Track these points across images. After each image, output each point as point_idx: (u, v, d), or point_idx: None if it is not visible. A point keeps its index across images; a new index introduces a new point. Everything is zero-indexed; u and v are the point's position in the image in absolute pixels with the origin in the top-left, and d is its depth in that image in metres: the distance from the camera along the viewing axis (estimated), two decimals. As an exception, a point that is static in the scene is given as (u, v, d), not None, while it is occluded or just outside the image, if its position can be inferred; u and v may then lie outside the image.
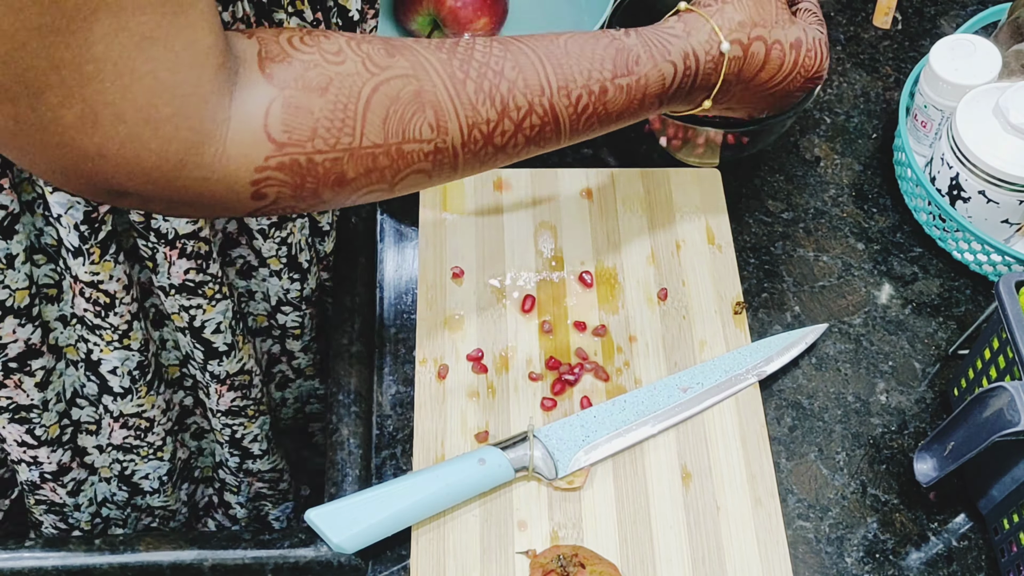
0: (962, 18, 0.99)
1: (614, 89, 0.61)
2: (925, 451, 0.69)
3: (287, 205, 0.53)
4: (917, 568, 0.70)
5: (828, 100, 0.94)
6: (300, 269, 0.77)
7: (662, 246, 0.82)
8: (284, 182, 0.52)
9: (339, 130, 0.52)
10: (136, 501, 0.85)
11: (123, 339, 0.71)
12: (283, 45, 0.52)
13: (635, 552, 0.68)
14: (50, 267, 0.69)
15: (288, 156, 0.51)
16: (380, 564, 0.69)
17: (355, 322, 0.78)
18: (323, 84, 0.51)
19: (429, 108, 0.54)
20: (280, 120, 0.50)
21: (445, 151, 0.56)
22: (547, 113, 0.59)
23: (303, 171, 0.52)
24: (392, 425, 0.75)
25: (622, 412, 0.73)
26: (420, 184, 0.57)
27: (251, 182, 0.51)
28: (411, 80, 0.54)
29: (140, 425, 0.78)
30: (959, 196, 0.80)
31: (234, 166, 0.50)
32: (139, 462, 0.81)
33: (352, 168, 0.53)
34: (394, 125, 0.53)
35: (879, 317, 0.81)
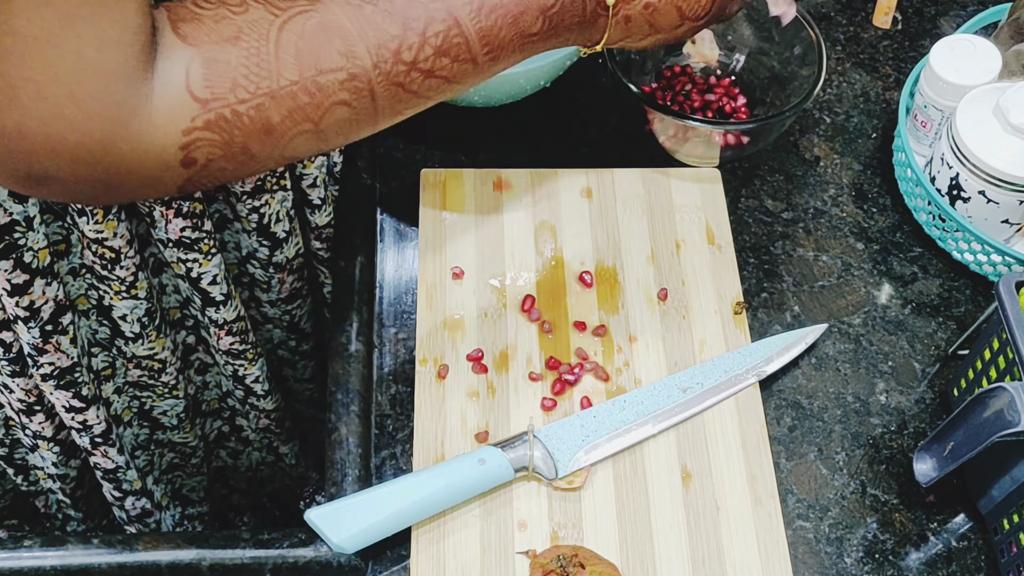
0: (962, 18, 0.99)
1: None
2: (925, 451, 0.69)
3: (217, 168, 0.53)
4: (917, 568, 0.70)
5: (828, 100, 0.94)
6: (272, 237, 0.79)
7: (662, 246, 0.82)
8: (212, 141, 0.52)
9: (257, 75, 0.52)
10: (157, 436, 0.88)
11: (130, 289, 0.74)
12: (188, 7, 0.53)
13: (635, 552, 0.68)
14: (58, 224, 0.71)
15: (213, 112, 0.51)
16: (380, 564, 0.68)
17: (355, 322, 0.78)
18: (234, 33, 0.52)
19: (335, 36, 0.55)
20: (200, 76, 0.50)
21: (359, 76, 0.56)
22: (447, 16, 0.58)
23: (230, 125, 0.52)
24: (392, 425, 0.74)
25: (622, 412, 0.73)
26: (346, 124, 0.57)
27: (180, 146, 0.51)
28: (312, 14, 0.55)
29: (153, 367, 0.81)
30: (959, 196, 0.80)
31: (161, 133, 0.50)
32: (155, 399, 0.85)
33: (276, 112, 0.53)
34: (306, 59, 0.54)
35: (879, 317, 0.81)
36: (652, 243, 0.82)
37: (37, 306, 0.70)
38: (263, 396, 0.89)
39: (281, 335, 0.93)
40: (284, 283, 0.86)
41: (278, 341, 0.94)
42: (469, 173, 0.85)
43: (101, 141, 0.48)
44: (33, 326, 0.70)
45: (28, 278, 0.68)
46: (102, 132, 0.48)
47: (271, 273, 0.83)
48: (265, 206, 0.77)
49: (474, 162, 0.88)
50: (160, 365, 0.82)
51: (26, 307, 0.69)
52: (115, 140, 0.48)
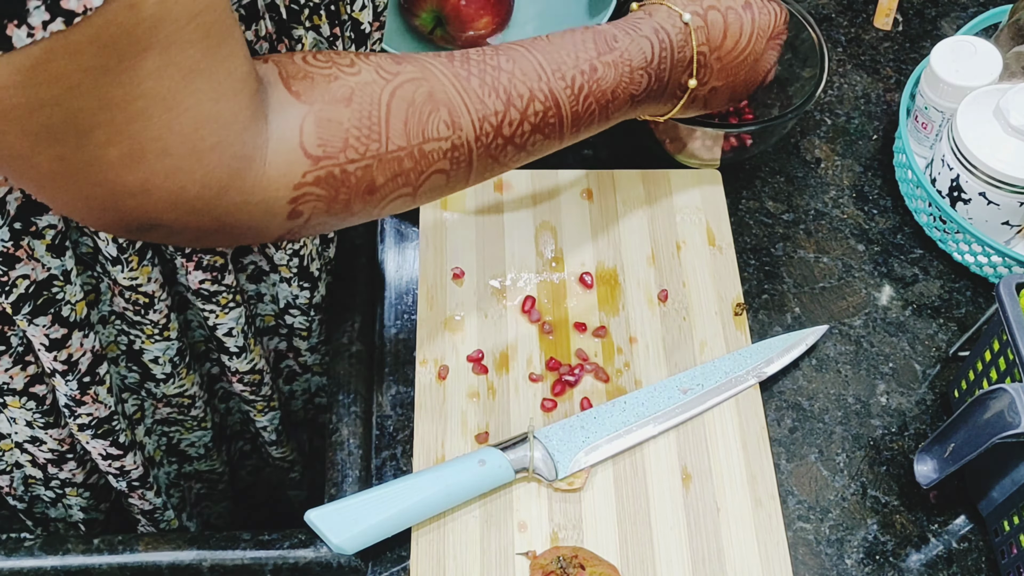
0: (963, 20, 0.99)
1: (602, 67, 0.65)
2: (925, 453, 0.68)
3: (318, 222, 0.55)
4: (917, 570, 0.70)
5: (829, 101, 0.94)
6: (311, 278, 0.78)
7: (662, 247, 0.82)
8: (320, 196, 0.53)
9: (367, 137, 0.54)
10: (185, 469, 0.88)
11: (163, 332, 0.73)
12: (299, 64, 0.53)
13: (635, 553, 0.68)
14: (87, 274, 0.70)
15: (324, 169, 0.52)
16: (380, 565, 0.68)
17: (355, 322, 0.78)
18: (347, 95, 0.53)
19: (443, 107, 0.57)
20: (314, 135, 0.51)
21: (461, 147, 0.58)
22: (548, 97, 0.62)
23: (337, 183, 0.53)
24: (392, 426, 0.74)
25: (622, 413, 0.73)
26: (439, 186, 0.59)
27: (289, 200, 0.52)
28: (422, 82, 0.56)
29: (183, 403, 0.81)
30: (960, 198, 0.80)
31: (274, 186, 0.51)
32: (184, 432, 0.84)
33: (381, 174, 0.55)
34: (414, 127, 0.55)
35: (879, 319, 0.81)
36: (652, 244, 0.82)
37: (75, 359, 0.68)
38: (272, 444, 0.88)
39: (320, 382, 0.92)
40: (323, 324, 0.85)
41: (316, 389, 0.93)
42: (470, 174, 0.85)
43: (217, 192, 0.49)
44: (71, 379, 0.69)
45: (67, 332, 0.66)
46: (220, 183, 0.48)
47: (312, 316, 0.82)
48: (303, 247, 0.76)
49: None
50: (190, 400, 0.81)
51: (64, 360, 0.67)
52: (230, 191, 0.49)
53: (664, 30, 0.69)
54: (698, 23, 0.70)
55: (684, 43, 0.70)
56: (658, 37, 0.68)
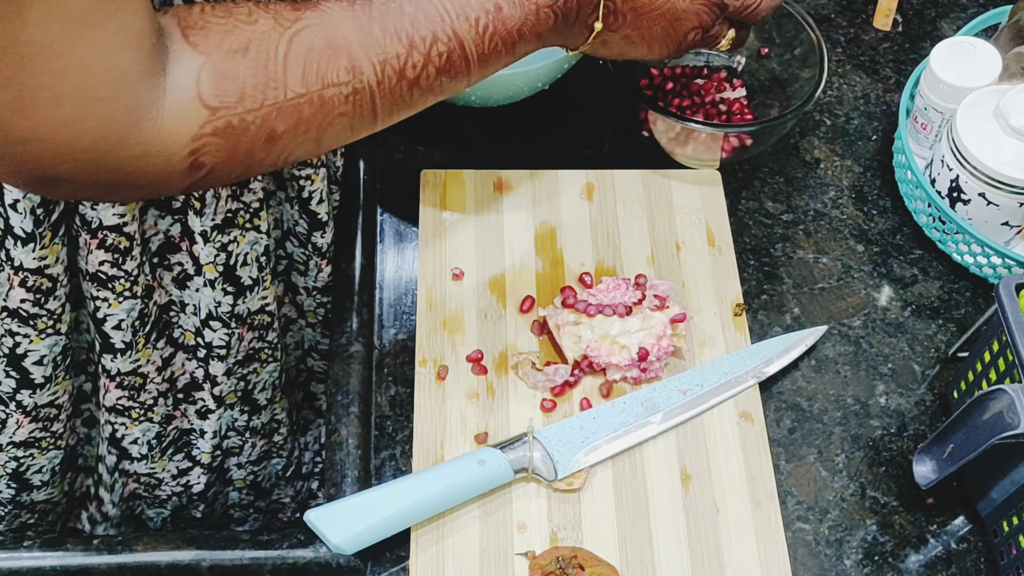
0: (962, 20, 0.99)
1: (507, 5, 0.63)
2: (924, 453, 0.69)
3: (222, 172, 0.54)
4: (916, 570, 0.70)
5: (828, 102, 0.94)
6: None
7: (662, 247, 0.82)
8: (220, 147, 0.53)
9: (264, 87, 0.53)
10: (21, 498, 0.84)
11: (56, 324, 0.72)
12: (197, 15, 0.53)
13: (634, 554, 0.68)
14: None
15: (222, 120, 0.52)
16: (379, 565, 0.68)
17: (355, 322, 0.78)
18: (243, 45, 0.53)
19: (342, 52, 0.56)
20: (211, 85, 0.52)
21: (362, 91, 0.57)
22: (451, 39, 0.61)
23: (237, 132, 0.53)
24: (391, 426, 0.74)
25: (622, 413, 0.73)
26: (343, 134, 0.59)
27: (188, 152, 0.52)
28: (320, 29, 0.56)
29: (49, 415, 0.78)
30: (959, 198, 0.80)
31: (172, 138, 0.51)
32: (37, 455, 0.81)
33: (281, 122, 0.55)
34: (312, 74, 0.55)
35: (879, 319, 0.81)
36: (652, 244, 0.82)
37: None
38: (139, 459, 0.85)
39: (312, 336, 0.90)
40: (322, 271, 0.84)
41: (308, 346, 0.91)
42: (469, 173, 0.85)
43: (114, 144, 0.49)
44: None
45: None
46: (115, 135, 0.48)
47: (309, 253, 0.81)
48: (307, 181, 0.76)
49: (474, 162, 0.87)
50: (56, 412, 0.78)
51: None
52: (127, 143, 0.49)
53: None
54: None
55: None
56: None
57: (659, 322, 0.74)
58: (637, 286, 0.77)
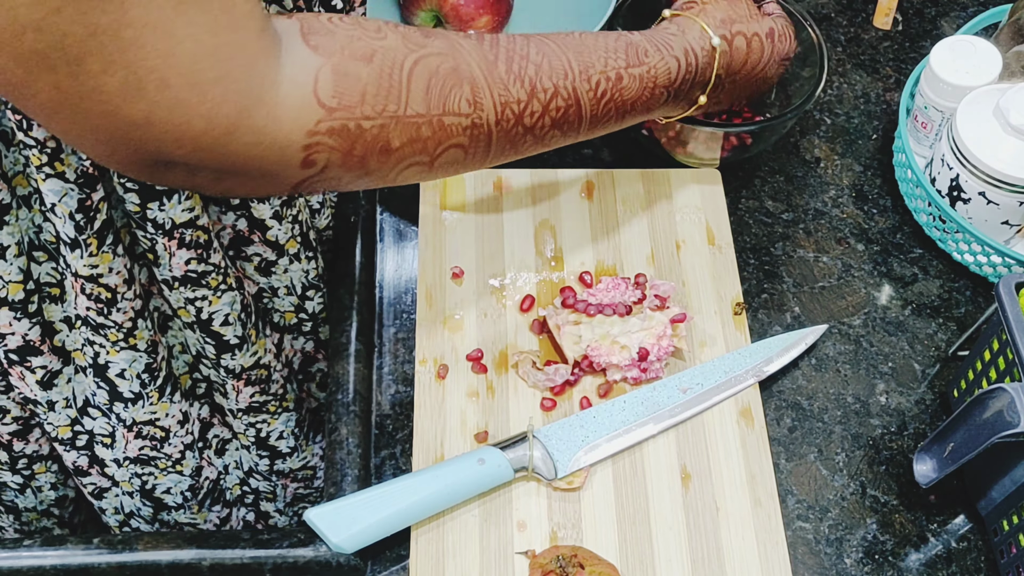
0: (962, 19, 0.99)
1: (628, 78, 0.66)
2: (925, 452, 0.68)
3: (334, 175, 0.54)
4: (916, 569, 0.70)
5: (828, 101, 0.94)
6: (311, 247, 0.78)
7: (662, 246, 0.82)
8: (334, 147, 0.53)
9: (385, 97, 0.54)
10: (162, 516, 0.85)
11: (128, 338, 0.71)
12: (323, 22, 0.54)
13: (634, 553, 0.68)
14: (51, 265, 0.69)
15: (338, 121, 0.52)
16: (379, 564, 0.68)
17: (355, 322, 0.78)
18: (368, 54, 0.53)
19: (466, 84, 0.57)
20: (330, 85, 0.51)
21: (480, 127, 0.58)
22: (571, 96, 0.63)
23: (352, 136, 0.53)
24: (391, 425, 0.74)
25: (622, 412, 0.73)
26: (457, 162, 0.59)
27: (303, 147, 0.51)
28: (448, 57, 0.56)
29: (155, 434, 0.77)
30: (959, 197, 0.80)
31: (286, 130, 0.50)
32: (158, 475, 0.81)
33: (397, 136, 0.55)
34: (435, 97, 0.56)
35: (879, 318, 0.81)
36: (652, 243, 0.82)
37: (2, 333, 0.68)
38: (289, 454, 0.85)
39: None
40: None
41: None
42: (469, 173, 0.85)
43: (226, 130, 0.48)
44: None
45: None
46: (227, 120, 0.48)
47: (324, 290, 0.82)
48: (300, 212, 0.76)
49: (474, 162, 0.87)
50: (163, 433, 0.77)
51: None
52: (239, 130, 0.49)
53: (693, 52, 0.71)
54: (724, 47, 0.72)
55: (707, 65, 0.72)
56: (686, 59, 0.70)
57: (659, 322, 0.74)
58: (637, 285, 0.77)
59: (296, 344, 0.84)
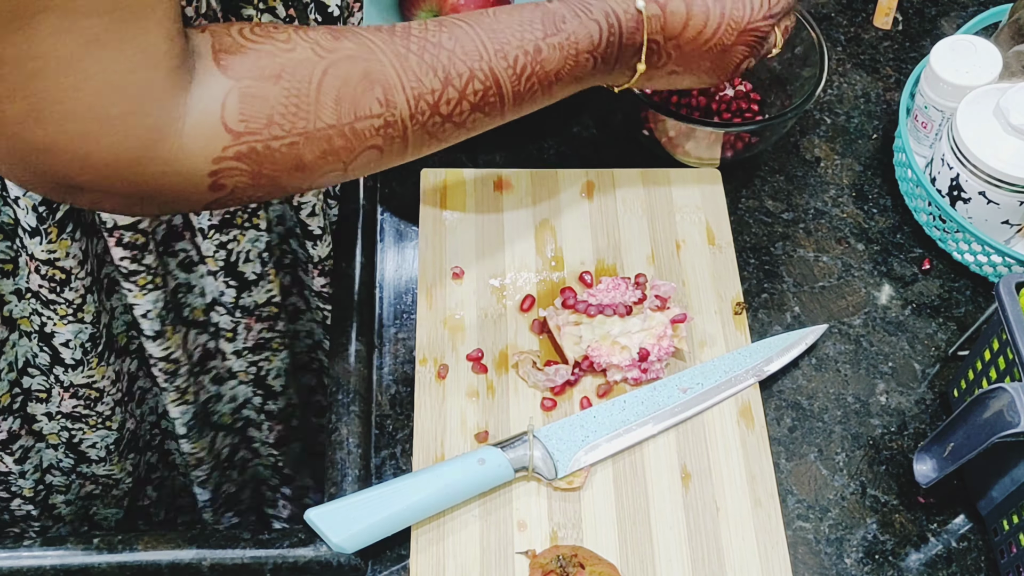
0: (963, 19, 0.99)
1: (547, 48, 0.64)
2: (925, 452, 0.69)
3: (246, 194, 0.54)
4: (916, 569, 0.70)
5: (828, 101, 0.94)
6: (240, 278, 0.77)
7: (662, 246, 0.82)
8: (242, 171, 0.53)
9: (294, 115, 0.53)
10: (81, 469, 0.87)
11: (77, 313, 0.72)
12: (235, 37, 0.53)
13: (635, 552, 0.68)
14: (6, 244, 0.70)
15: (246, 144, 0.52)
16: (380, 564, 0.68)
17: (355, 322, 0.78)
18: (276, 72, 0.53)
19: (377, 85, 0.56)
20: (236, 110, 0.51)
21: (395, 124, 0.57)
22: (488, 77, 0.61)
23: (261, 158, 0.53)
24: (392, 425, 0.74)
25: (622, 412, 0.73)
26: (372, 163, 0.59)
27: (209, 173, 0.51)
28: (358, 60, 0.56)
29: (90, 395, 0.79)
30: (959, 197, 0.80)
31: (192, 159, 0.50)
32: (87, 431, 0.83)
33: (309, 151, 0.54)
34: (346, 105, 0.55)
35: (879, 318, 0.81)
36: (652, 243, 0.82)
37: None
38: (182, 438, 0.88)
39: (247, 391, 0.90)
40: (251, 330, 0.84)
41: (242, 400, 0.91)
42: (469, 173, 0.85)
43: (132, 161, 0.49)
44: None
45: None
46: (133, 152, 0.48)
47: (237, 319, 0.81)
48: (233, 242, 0.76)
49: (474, 162, 0.88)
50: (98, 394, 0.79)
51: None
52: (146, 160, 0.49)
53: (615, 14, 0.66)
54: (654, 11, 0.68)
55: (635, 29, 0.67)
56: (607, 22, 0.66)
57: (660, 322, 0.74)
58: (637, 285, 0.77)
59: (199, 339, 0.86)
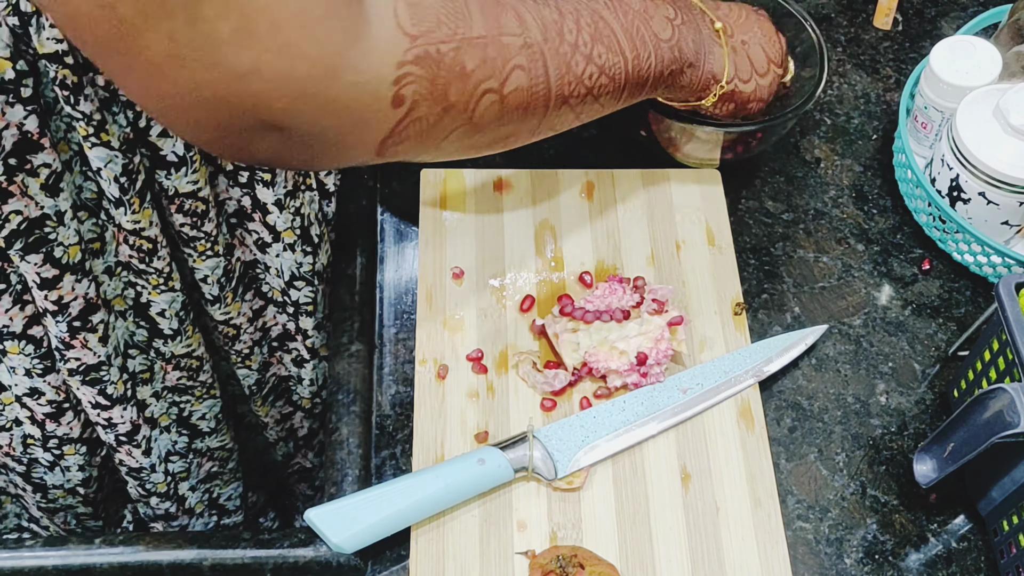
0: (962, 19, 0.99)
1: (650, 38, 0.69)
2: (925, 452, 0.69)
3: (422, 113, 0.55)
4: (916, 569, 0.70)
5: (828, 101, 0.94)
6: (312, 242, 0.80)
7: (662, 246, 0.82)
8: (421, 77, 0.54)
9: (455, 20, 0.56)
10: (196, 445, 0.89)
11: (167, 281, 0.75)
12: None
13: (634, 553, 0.68)
14: (92, 221, 0.72)
15: (421, 48, 0.54)
16: (379, 564, 0.69)
17: (355, 322, 0.78)
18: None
19: (509, 7, 0.60)
20: (408, 15, 0.53)
21: (533, 47, 0.60)
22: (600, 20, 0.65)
23: (434, 62, 0.54)
24: (392, 425, 0.75)
25: (622, 413, 0.73)
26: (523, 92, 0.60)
27: (393, 80, 0.52)
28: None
29: (191, 365, 0.82)
30: (959, 197, 0.80)
31: (378, 64, 0.51)
32: (195, 403, 0.86)
33: (470, 58, 0.56)
34: (491, 18, 0.58)
35: (879, 318, 0.81)
36: (652, 244, 0.82)
37: (66, 301, 0.71)
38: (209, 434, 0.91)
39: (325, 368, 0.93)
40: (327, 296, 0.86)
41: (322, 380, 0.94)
42: (469, 173, 0.85)
43: (327, 70, 0.49)
44: (61, 320, 0.71)
45: (58, 273, 0.69)
46: (328, 60, 0.49)
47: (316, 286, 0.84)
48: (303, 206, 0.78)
49: (474, 162, 0.88)
50: (198, 363, 0.82)
51: (55, 301, 0.70)
52: (338, 69, 0.50)
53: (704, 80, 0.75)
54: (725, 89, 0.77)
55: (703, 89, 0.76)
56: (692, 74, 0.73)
57: (657, 326, 0.74)
58: (636, 288, 0.77)
59: (280, 319, 0.88)
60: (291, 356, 0.91)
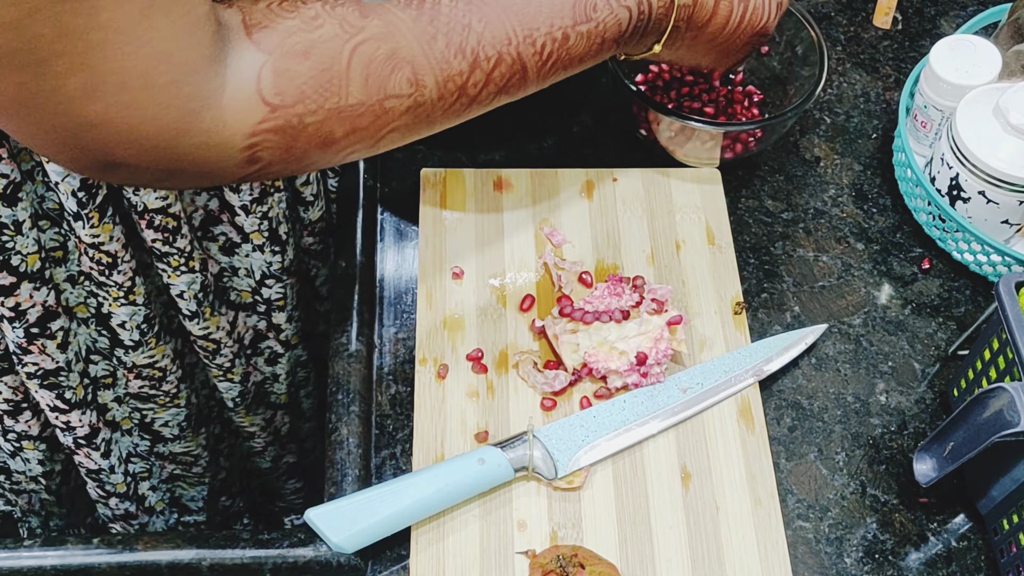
0: (962, 18, 0.99)
1: (575, 36, 0.64)
2: (925, 451, 0.69)
3: (276, 169, 0.55)
4: (916, 568, 0.70)
5: (828, 100, 0.94)
6: (280, 242, 0.80)
7: (662, 246, 0.82)
8: (276, 144, 0.53)
9: (325, 91, 0.54)
10: (158, 449, 0.89)
11: (128, 295, 0.75)
12: (263, 13, 0.54)
13: (634, 552, 0.68)
14: (54, 231, 0.72)
15: (281, 118, 0.53)
16: (379, 564, 0.68)
17: (355, 322, 0.78)
18: (305, 49, 0.54)
19: (406, 65, 0.57)
20: (271, 84, 0.52)
21: (423, 105, 0.58)
22: (515, 62, 0.62)
23: (294, 132, 0.54)
24: (392, 425, 0.74)
25: (622, 412, 0.73)
26: (399, 139, 0.60)
27: (245, 147, 0.52)
28: (385, 40, 0.56)
29: (154, 375, 0.82)
30: (959, 196, 0.80)
31: (230, 131, 0.51)
32: (158, 410, 0.85)
33: (339, 127, 0.55)
34: (375, 84, 0.56)
35: (879, 317, 0.81)
36: (652, 243, 0.82)
37: (23, 308, 0.71)
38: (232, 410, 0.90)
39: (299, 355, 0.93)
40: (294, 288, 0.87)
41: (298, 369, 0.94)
42: (469, 173, 0.85)
43: (175, 132, 0.49)
44: (18, 327, 0.72)
45: (15, 280, 0.69)
46: (176, 122, 0.49)
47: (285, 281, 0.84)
48: (271, 210, 0.78)
49: (474, 162, 0.88)
50: (161, 374, 0.82)
51: (11, 308, 0.70)
52: (187, 131, 0.50)
53: (647, 1, 0.67)
54: (685, 0, 0.69)
55: (664, 16, 0.68)
56: (639, 9, 0.66)
57: (656, 325, 0.74)
58: (635, 288, 0.77)
59: (249, 322, 0.88)
60: (264, 357, 0.90)
